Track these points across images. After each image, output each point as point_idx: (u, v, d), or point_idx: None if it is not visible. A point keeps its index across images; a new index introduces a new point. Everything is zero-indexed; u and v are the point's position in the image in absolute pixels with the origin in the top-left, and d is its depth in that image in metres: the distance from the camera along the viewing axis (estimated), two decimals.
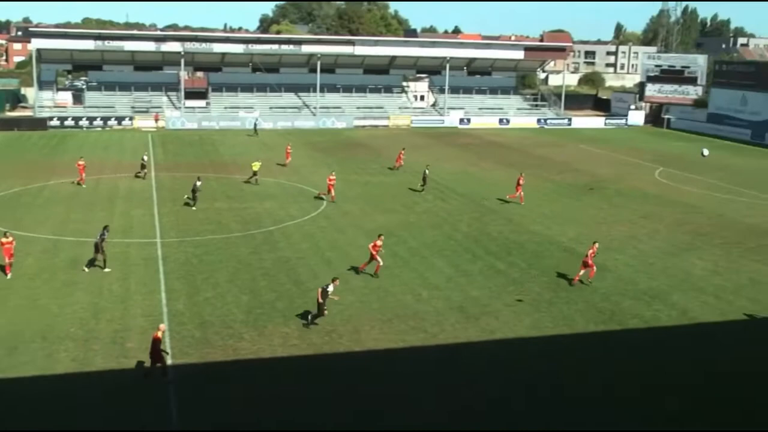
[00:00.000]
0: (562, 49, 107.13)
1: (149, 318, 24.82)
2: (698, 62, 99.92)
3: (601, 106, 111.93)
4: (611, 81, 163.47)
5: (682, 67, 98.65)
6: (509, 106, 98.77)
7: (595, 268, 30.50)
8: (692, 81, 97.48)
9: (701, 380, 21.79)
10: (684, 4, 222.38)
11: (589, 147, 74.20)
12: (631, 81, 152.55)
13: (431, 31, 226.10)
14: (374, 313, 25.92)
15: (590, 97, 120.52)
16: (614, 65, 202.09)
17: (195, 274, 29.97)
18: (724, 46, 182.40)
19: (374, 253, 29.92)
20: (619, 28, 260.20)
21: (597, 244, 31.33)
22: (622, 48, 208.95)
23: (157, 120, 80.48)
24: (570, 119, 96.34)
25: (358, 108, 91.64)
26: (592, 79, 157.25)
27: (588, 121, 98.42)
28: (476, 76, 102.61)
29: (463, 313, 26.38)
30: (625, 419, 19.36)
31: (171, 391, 19.96)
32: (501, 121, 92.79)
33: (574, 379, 21.60)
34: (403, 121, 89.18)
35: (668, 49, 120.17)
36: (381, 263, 30.14)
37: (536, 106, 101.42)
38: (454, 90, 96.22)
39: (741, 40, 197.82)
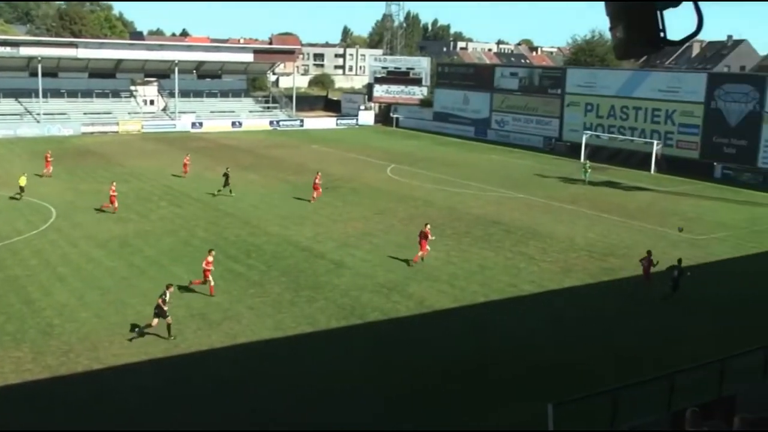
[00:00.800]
0: (291, 52, 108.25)
1: None
2: (422, 64, 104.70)
3: (332, 106, 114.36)
4: (341, 82, 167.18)
5: (408, 68, 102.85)
6: (241, 109, 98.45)
7: (428, 247, 33.34)
8: (417, 82, 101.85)
9: (438, 373, 22.68)
10: (407, 9, 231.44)
11: (322, 147, 75.56)
12: (359, 82, 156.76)
13: (158, 33, 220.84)
14: (113, 328, 24.88)
15: (321, 98, 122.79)
16: (343, 67, 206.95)
17: None
18: (445, 49, 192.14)
19: (207, 271, 28.65)
20: (346, 32, 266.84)
21: (428, 225, 34.49)
22: (349, 50, 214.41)
23: None
24: (302, 120, 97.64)
25: (85, 114, 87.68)
26: (322, 81, 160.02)
27: (320, 121, 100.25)
28: (206, 80, 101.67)
29: (205, 320, 25.94)
30: (373, 414, 19.81)
31: None
32: (234, 124, 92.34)
33: (319, 377, 21.83)
34: (133, 126, 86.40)
35: (393, 51, 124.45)
36: (213, 283, 28.79)
37: (268, 108, 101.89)
38: (185, 94, 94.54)
39: (460, 44, 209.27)
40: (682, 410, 14.04)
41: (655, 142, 67.46)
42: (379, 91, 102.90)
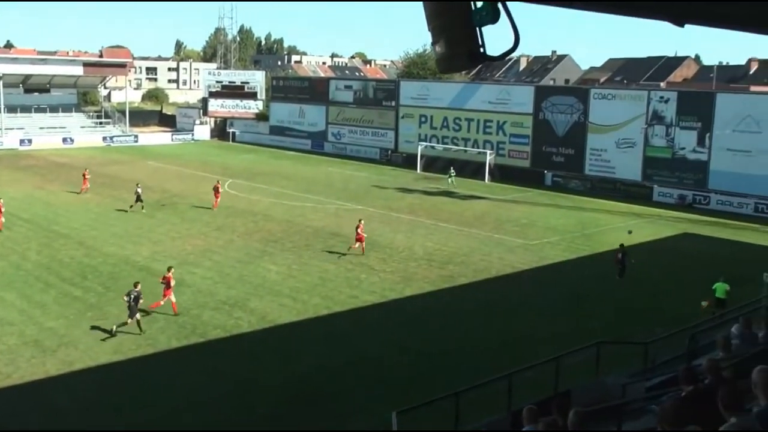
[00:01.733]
0: (123, 65, 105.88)
1: None
2: (257, 78, 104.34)
3: (167, 121, 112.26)
4: (175, 97, 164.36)
5: (242, 82, 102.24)
6: (72, 125, 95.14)
7: (364, 243, 37.38)
8: (253, 96, 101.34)
9: (283, 387, 22.66)
10: (240, 22, 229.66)
11: (158, 163, 74.00)
12: (194, 96, 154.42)
13: None
14: None
15: (155, 113, 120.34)
16: (177, 81, 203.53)
17: None
18: (279, 62, 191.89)
19: (168, 289, 28.16)
20: (179, 45, 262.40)
21: (362, 221, 38.77)
22: (183, 64, 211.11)
23: None
24: (137, 136, 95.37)
25: None
26: (155, 95, 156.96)
27: (155, 137, 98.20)
28: (34, 94, 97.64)
29: (39, 347, 24.87)
30: None
31: None
32: (65, 140, 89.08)
33: (160, 399, 21.41)
34: None
35: (227, 65, 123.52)
36: (174, 300, 28.41)
37: (101, 123, 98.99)
38: (11, 109, 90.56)
39: (294, 58, 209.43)
40: (521, 409, 14.63)
41: (488, 152, 69.75)
42: (214, 105, 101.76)
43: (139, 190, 47.98)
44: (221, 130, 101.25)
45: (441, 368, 23.86)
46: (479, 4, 5.17)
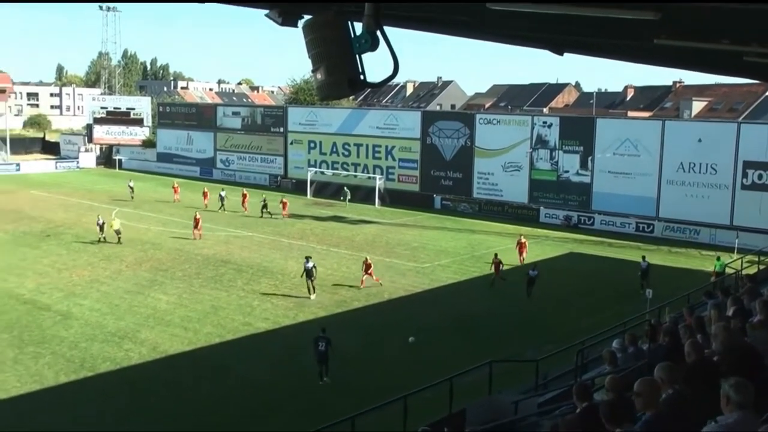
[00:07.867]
0: (2, 91, 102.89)
1: None
2: (143, 104, 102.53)
3: (51, 149, 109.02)
4: (59, 123, 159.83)
5: (128, 108, 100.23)
6: None
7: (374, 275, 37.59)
8: (139, 122, 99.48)
9: (177, 418, 22.32)
10: (123, 47, 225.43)
11: (41, 192, 71.91)
12: (79, 123, 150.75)
13: None
14: None
15: (38, 140, 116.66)
16: (60, 107, 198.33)
17: None
18: (165, 88, 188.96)
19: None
20: (60, 70, 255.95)
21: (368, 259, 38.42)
22: (66, 90, 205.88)
23: None
24: (18, 164, 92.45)
25: None
26: (38, 122, 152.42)
27: (38, 165, 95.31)
28: None
29: None
30: None
31: None
32: None
33: None
34: None
35: (112, 91, 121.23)
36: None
37: None
38: None
39: (181, 84, 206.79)
40: (416, 431, 14.86)
41: (378, 176, 70.35)
42: (99, 132, 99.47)
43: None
44: (107, 158, 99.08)
45: (336, 394, 23.92)
46: (359, 32, 5.32)
